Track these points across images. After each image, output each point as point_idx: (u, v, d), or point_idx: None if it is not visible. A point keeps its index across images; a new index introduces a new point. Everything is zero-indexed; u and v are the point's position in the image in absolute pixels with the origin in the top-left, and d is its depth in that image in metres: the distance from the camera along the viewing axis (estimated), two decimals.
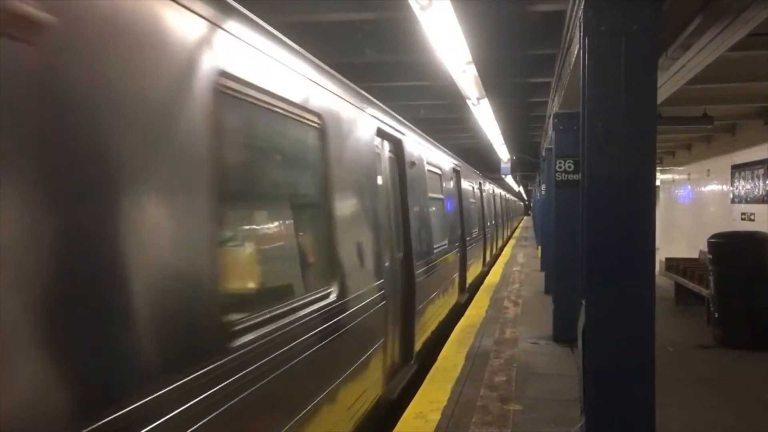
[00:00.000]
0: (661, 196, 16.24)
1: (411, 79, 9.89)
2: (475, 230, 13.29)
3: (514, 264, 17.18)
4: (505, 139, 15.06)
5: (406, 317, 6.01)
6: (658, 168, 14.69)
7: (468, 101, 8.83)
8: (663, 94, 5.85)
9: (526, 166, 23.22)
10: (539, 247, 17.61)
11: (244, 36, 2.80)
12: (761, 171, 9.58)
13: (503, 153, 18.75)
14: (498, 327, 8.40)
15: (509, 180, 31.36)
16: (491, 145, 16.57)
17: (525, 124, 15.28)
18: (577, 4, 3.92)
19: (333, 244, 3.90)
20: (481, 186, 15.53)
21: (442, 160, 9.51)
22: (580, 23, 3.56)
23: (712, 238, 7.72)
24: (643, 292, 3.43)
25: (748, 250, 7.36)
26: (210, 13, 2.51)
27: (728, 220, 10.72)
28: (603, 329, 3.47)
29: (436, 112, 13.34)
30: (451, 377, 5.97)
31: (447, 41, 5.42)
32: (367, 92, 5.20)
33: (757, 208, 9.75)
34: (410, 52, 7.71)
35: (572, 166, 7.21)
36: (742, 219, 10.27)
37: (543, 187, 15.34)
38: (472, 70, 6.72)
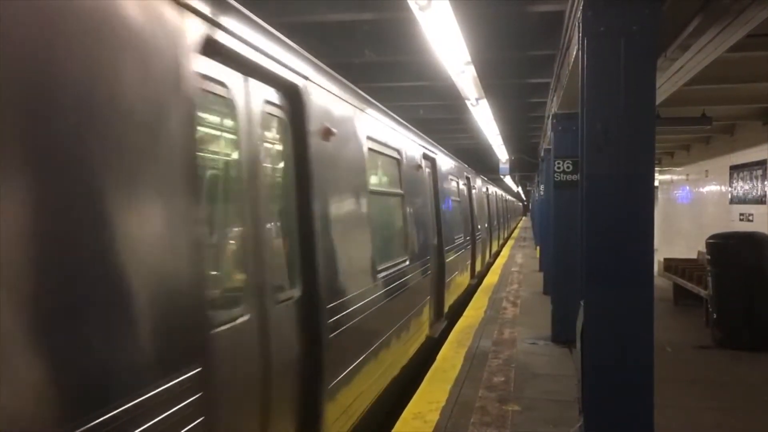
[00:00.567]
0: (660, 196, 16.25)
1: (410, 80, 9.90)
2: (459, 237, 10.75)
3: (512, 264, 17.18)
4: (504, 139, 15.06)
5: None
6: (656, 168, 14.75)
7: (467, 102, 8.84)
8: (662, 95, 5.86)
9: (525, 166, 23.23)
10: (538, 248, 17.62)
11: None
12: (760, 172, 9.59)
13: (502, 153, 18.75)
14: (497, 327, 8.40)
15: (508, 180, 31.39)
16: (490, 146, 16.58)
17: (524, 125, 15.29)
18: (576, 5, 3.93)
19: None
20: (469, 182, 13.14)
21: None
22: (579, 24, 3.56)
23: (710, 238, 7.72)
24: (641, 292, 3.43)
25: (747, 250, 7.36)
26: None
27: (727, 221, 10.72)
28: (602, 330, 3.46)
29: (435, 112, 13.34)
30: (450, 378, 5.98)
31: (446, 42, 5.42)
32: (366, 92, 5.21)
33: (755, 209, 9.76)
34: (409, 52, 7.72)
35: (571, 167, 7.21)
36: (741, 220, 10.28)
37: (542, 187, 15.35)
38: (471, 71, 6.73)
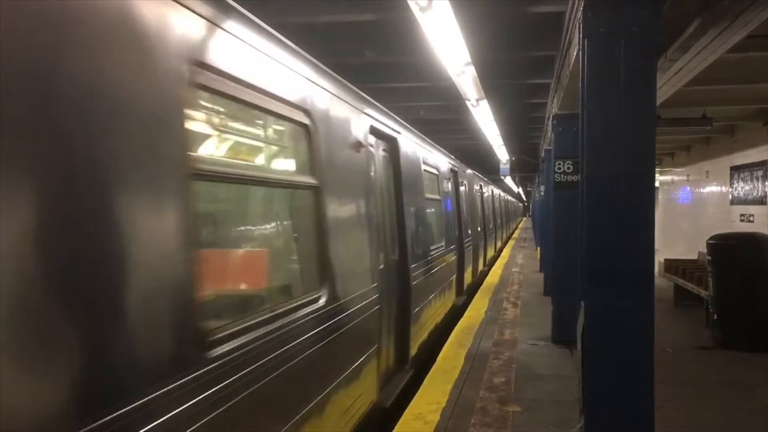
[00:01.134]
0: (660, 197, 16.24)
1: (410, 80, 9.90)
2: (442, 244, 8.70)
3: (513, 265, 17.17)
4: (504, 140, 15.05)
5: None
6: (657, 169, 14.72)
7: (467, 102, 8.84)
8: (662, 96, 5.85)
9: (526, 167, 23.20)
10: (538, 249, 17.61)
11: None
12: (760, 172, 9.59)
13: (503, 154, 18.75)
14: (497, 328, 8.39)
15: (509, 181, 31.39)
16: (491, 147, 16.57)
17: (524, 126, 15.29)
18: (576, 6, 3.93)
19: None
20: (456, 177, 11.12)
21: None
22: (580, 24, 3.56)
23: (711, 239, 7.72)
24: (642, 293, 3.42)
25: (747, 251, 7.36)
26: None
27: (727, 222, 10.71)
28: (602, 330, 3.46)
29: (436, 113, 13.35)
30: (450, 378, 5.97)
31: (446, 42, 5.42)
32: (366, 93, 5.21)
33: (756, 210, 9.75)
34: (410, 53, 7.71)
35: (571, 167, 7.21)
36: (741, 220, 10.27)
37: (542, 188, 15.34)
38: (472, 71, 6.73)
